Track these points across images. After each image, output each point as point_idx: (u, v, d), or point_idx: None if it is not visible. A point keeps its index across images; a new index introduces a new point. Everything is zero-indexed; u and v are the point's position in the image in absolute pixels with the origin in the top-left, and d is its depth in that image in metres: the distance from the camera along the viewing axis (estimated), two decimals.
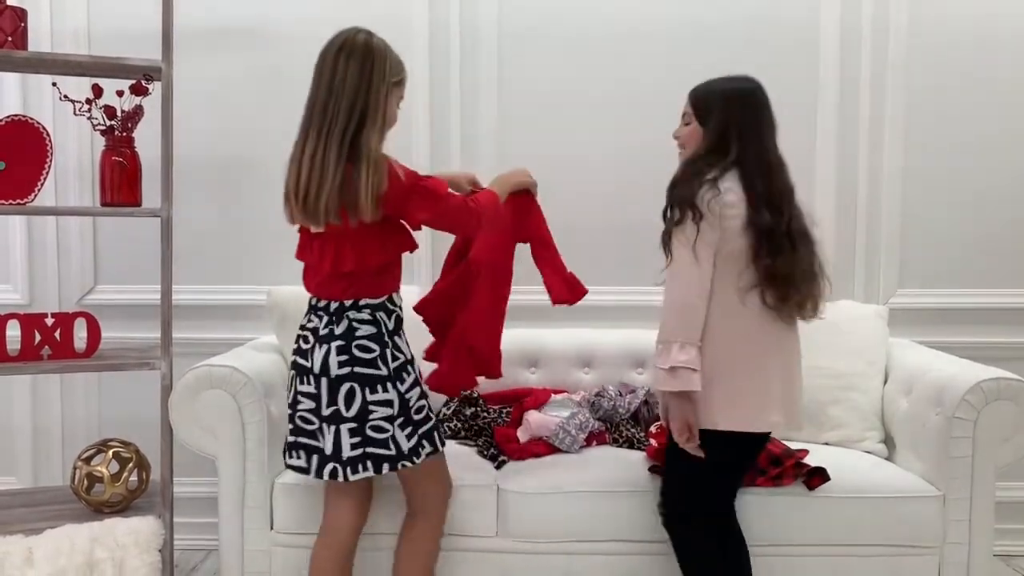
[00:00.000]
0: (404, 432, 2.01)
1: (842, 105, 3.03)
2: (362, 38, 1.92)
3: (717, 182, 1.96)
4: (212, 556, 3.02)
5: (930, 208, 3.05)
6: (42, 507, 2.56)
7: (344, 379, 1.96)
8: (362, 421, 1.97)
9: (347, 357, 1.97)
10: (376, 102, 1.90)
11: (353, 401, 1.96)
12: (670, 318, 1.97)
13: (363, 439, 1.97)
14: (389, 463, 2.00)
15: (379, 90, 1.90)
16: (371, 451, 1.98)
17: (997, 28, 3.01)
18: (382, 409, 1.98)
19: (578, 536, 2.31)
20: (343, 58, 1.89)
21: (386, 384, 1.99)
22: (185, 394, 2.34)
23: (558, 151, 3.03)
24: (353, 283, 1.99)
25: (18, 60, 2.43)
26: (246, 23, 3.06)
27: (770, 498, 2.27)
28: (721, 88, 2.07)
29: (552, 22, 3.05)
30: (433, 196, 1.97)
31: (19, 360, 2.43)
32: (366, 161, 1.86)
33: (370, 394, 1.97)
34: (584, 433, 2.51)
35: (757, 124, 2.03)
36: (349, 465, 1.98)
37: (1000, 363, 2.41)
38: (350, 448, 1.97)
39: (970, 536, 2.27)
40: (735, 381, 1.99)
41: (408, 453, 2.02)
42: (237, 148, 3.08)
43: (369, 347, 1.98)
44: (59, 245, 3.10)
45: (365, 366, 1.97)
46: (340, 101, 1.87)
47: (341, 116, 1.87)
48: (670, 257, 1.97)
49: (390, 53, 1.95)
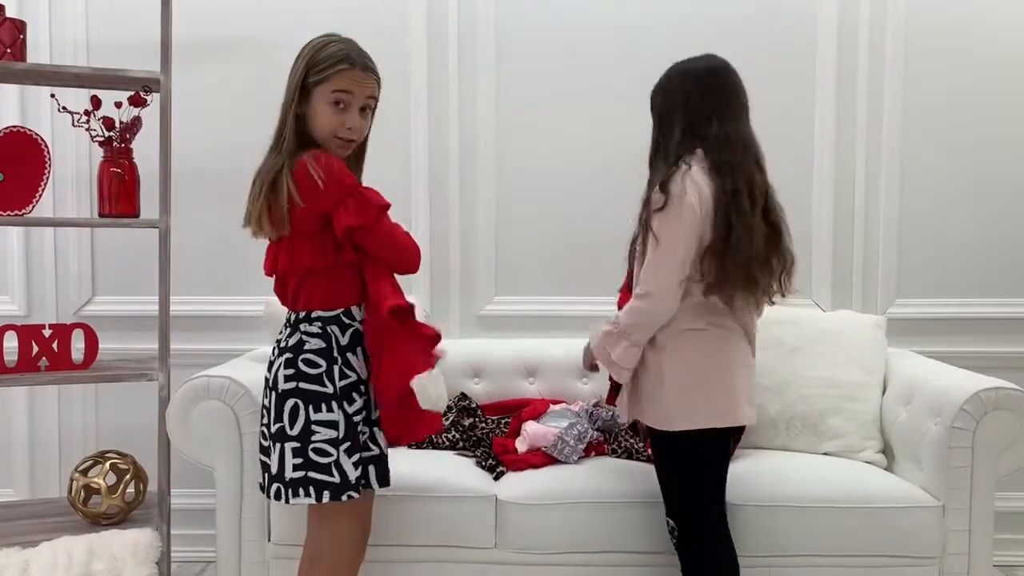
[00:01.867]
0: (351, 459, 1.88)
1: (839, 114, 3.03)
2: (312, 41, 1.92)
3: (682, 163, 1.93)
4: (210, 568, 3.01)
5: (928, 218, 3.05)
6: (39, 519, 2.55)
7: (289, 394, 1.87)
8: (304, 442, 1.85)
9: (293, 371, 1.88)
10: (291, 99, 1.89)
11: (297, 419, 1.86)
12: (635, 315, 1.94)
13: (305, 461, 1.85)
14: (331, 491, 1.85)
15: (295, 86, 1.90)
16: (313, 476, 1.85)
17: (996, 31, 3.01)
18: (325, 430, 1.86)
19: (577, 547, 2.30)
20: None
21: (331, 403, 1.87)
22: (182, 405, 2.34)
23: (557, 153, 3.05)
24: (301, 291, 1.91)
25: (17, 72, 2.44)
26: (245, 35, 3.07)
27: (767, 508, 2.26)
28: (666, 72, 2.06)
29: (551, 22, 3.06)
30: (366, 204, 1.84)
31: (16, 371, 2.43)
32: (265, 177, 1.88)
33: (314, 413, 1.86)
34: (583, 444, 2.51)
35: (709, 97, 1.97)
36: (291, 487, 1.86)
37: (999, 373, 2.41)
38: (292, 469, 1.85)
39: (970, 546, 2.26)
40: (708, 380, 1.96)
41: (354, 483, 1.88)
42: (235, 159, 3.05)
43: (315, 362, 1.88)
44: (57, 256, 3.10)
45: (310, 382, 1.87)
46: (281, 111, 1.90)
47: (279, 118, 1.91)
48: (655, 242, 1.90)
49: (324, 50, 1.88)
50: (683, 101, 1.99)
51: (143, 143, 2.57)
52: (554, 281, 3.04)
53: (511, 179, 3.07)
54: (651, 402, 2.00)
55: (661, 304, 1.92)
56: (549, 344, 2.91)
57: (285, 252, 1.90)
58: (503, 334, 3.00)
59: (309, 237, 1.87)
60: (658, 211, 1.91)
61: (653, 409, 2.00)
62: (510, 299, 3.06)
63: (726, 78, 2.01)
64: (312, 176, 1.81)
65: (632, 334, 1.96)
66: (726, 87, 2.01)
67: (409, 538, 2.30)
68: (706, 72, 2.01)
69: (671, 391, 1.97)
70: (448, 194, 3.08)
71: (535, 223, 3.06)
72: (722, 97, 1.99)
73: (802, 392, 2.64)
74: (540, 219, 3.05)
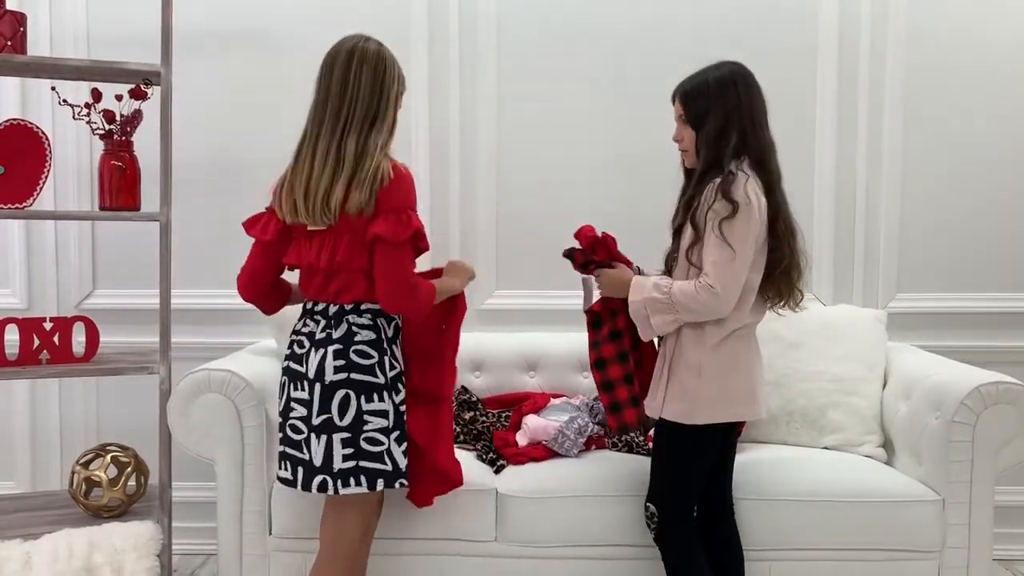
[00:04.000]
0: (401, 448, 1.96)
1: (840, 109, 3.03)
2: (373, 46, 1.95)
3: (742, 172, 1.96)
4: (211, 561, 3.02)
5: (929, 213, 3.05)
6: (40, 512, 2.55)
7: (339, 385, 1.91)
8: (356, 431, 1.91)
9: (344, 362, 1.91)
10: (387, 106, 1.93)
11: (348, 409, 1.90)
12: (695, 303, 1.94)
13: (356, 451, 1.90)
14: (385, 479, 1.93)
15: (390, 96, 1.94)
16: (365, 465, 1.91)
17: (996, 30, 3.01)
18: (377, 420, 1.92)
19: (577, 540, 2.31)
20: (356, 63, 1.92)
21: (383, 393, 1.93)
22: (183, 398, 2.34)
23: (558, 147, 3.04)
24: (350, 286, 1.94)
25: (17, 64, 2.43)
26: (246, 27, 3.06)
27: (768, 502, 2.27)
28: (713, 77, 2.03)
29: (552, 18, 3.05)
30: (405, 227, 1.87)
31: (18, 364, 2.43)
32: (371, 159, 1.88)
33: (366, 403, 1.91)
34: (583, 437, 2.51)
35: (756, 106, 2.02)
36: (340, 478, 1.90)
37: (999, 367, 2.41)
38: (342, 460, 1.90)
39: (969, 540, 2.27)
40: (731, 376, 2.01)
41: (405, 470, 1.96)
42: (236, 152, 3.08)
43: (368, 353, 1.93)
44: (58, 249, 3.10)
45: (362, 372, 1.92)
46: (355, 104, 1.90)
47: (356, 118, 1.90)
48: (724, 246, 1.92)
49: (397, 64, 1.99)
50: (737, 106, 2.00)
51: (144, 136, 2.56)
52: (555, 275, 3.02)
53: (512, 173, 3.07)
54: (680, 395, 2.02)
55: (726, 305, 1.95)
56: (550, 338, 2.91)
57: (343, 247, 1.91)
58: (504, 328, 2.99)
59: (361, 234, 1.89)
60: (727, 219, 1.93)
61: (680, 402, 2.02)
62: (511, 293, 3.06)
63: (757, 81, 2.05)
64: (401, 179, 1.90)
65: (682, 314, 1.98)
66: (759, 89, 2.04)
67: (410, 531, 2.31)
68: (748, 76, 2.04)
69: (705, 384, 2.00)
70: (449, 188, 3.08)
71: (536, 217, 3.06)
72: (761, 103, 2.04)
73: (802, 386, 2.64)
74: (541, 213, 3.05)
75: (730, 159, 1.98)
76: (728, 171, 1.96)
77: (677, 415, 2.02)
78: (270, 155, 3.07)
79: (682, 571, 2.09)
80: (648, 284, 2.04)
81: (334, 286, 1.95)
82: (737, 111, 1.99)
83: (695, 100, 2.05)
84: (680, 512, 2.09)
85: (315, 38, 3.11)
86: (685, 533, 2.10)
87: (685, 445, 2.05)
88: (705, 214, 1.96)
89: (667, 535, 2.10)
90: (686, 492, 2.09)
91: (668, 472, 2.10)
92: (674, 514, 2.09)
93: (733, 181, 1.93)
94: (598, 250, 2.19)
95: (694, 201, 2.02)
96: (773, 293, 2.05)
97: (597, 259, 2.18)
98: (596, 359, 2.18)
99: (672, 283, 2.00)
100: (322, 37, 2.04)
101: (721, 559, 2.15)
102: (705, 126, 2.02)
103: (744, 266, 1.94)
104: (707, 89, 2.02)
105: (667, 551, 2.11)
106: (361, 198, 1.85)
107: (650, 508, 2.12)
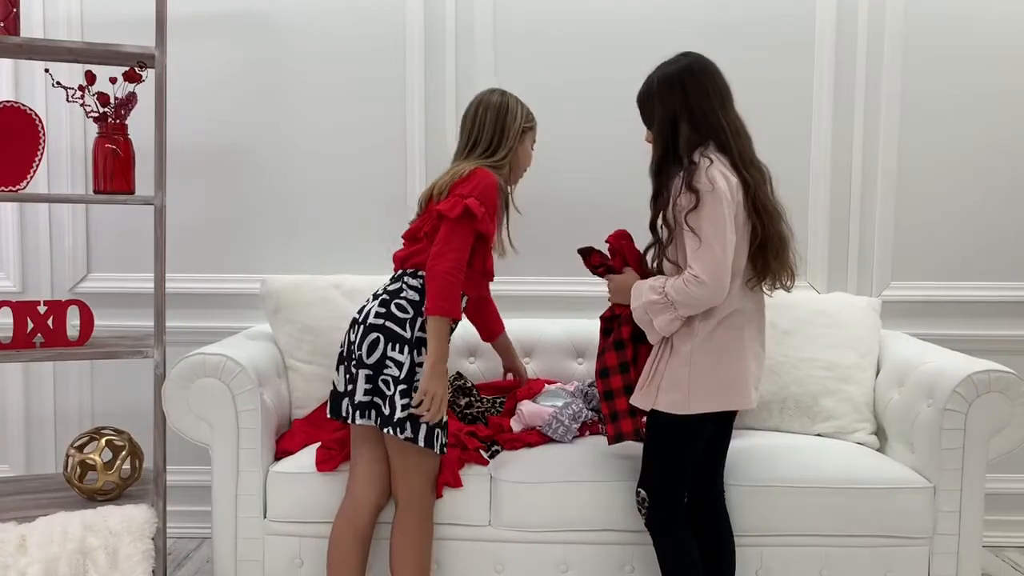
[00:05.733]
0: (401, 401, 2.10)
1: (837, 98, 3.02)
2: (496, 96, 2.34)
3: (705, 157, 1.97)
4: (205, 544, 3.03)
5: (923, 201, 3.06)
6: (35, 495, 2.56)
7: (374, 328, 2.14)
8: (377, 372, 2.12)
9: (385, 310, 2.16)
10: (506, 141, 2.31)
11: (375, 351, 2.13)
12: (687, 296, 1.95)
13: (373, 388, 2.13)
14: (382, 421, 2.12)
15: (510, 132, 2.31)
16: (376, 401, 2.13)
17: (993, 26, 3.01)
18: (392, 368, 2.12)
19: (571, 526, 2.32)
20: (481, 110, 2.32)
21: (404, 347, 2.13)
22: (178, 382, 2.34)
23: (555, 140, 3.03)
24: (416, 253, 2.22)
25: (10, 46, 2.41)
26: (240, 10, 3.04)
27: (760, 488, 2.28)
28: (657, 76, 2.07)
29: (548, 21, 3.04)
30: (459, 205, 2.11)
31: (11, 348, 2.43)
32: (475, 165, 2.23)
33: (389, 350, 2.12)
34: (578, 423, 2.52)
35: (706, 93, 2.02)
36: (358, 409, 2.13)
37: (991, 355, 2.42)
38: (363, 393, 2.13)
39: (960, 527, 2.28)
40: (721, 365, 2.02)
41: (396, 422, 2.09)
42: (231, 136, 3.07)
43: (406, 308, 2.17)
44: (52, 232, 3.09)
45: (395, 323, 2.14)
46: (479, 138, 2.31)
47: (479, 147, 2.30)
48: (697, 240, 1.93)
49: (521, 106, 2.36)
50: (682, 99, 2.02)
51: (138, 119, 2.55)
52: (550, 261, 3.03)
53: None
54: (672, 386, 2.03)
55: (718, 292, 1.95)
56: (545, 324, 2.92)
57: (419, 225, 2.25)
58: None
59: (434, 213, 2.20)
60: (692, 211, 1.94)
61: (672, 392, 2.03)
62: (506, 279, 3.04)
63: (710, 68, 2.05)
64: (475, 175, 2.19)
65: (680, 309, 1.99)
66: (713, 76, 2.05)
67: None
68: (692, 67, 2.04)
69: (696, 374, 2.01)
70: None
71: (532, 205, 3.04)
72: (715, 87, 2.04)
73: (796, 374, 2.65)
74: (537, 201, 3.04)
75: (690, 149, 2.00)
76: (689, 161, 1.98)
77: (670, 406, 2.03)
78: (266, 139, 3.09)
79: (672, 557, 2.11)
80: (645, 287, 2.05)
81: (407, 254, 2.26)
82: (684, 104, 2.01)
83: (644, 102, 2.12)
84: (670, 499, 2.11)
85: (310, 21, 3.12)
86: (675, 519, 2.11)
87: (676, 433, 2.07)
88: (673, 209, 1.99)
89: (657, 521, 2.12)
90: (676, 479, 2.11)
91: (659, 459, 2.12)
92: (664, 500, 2.11)
93: (695, 171, 1.95)
94: (615, 257, 2.22)
95: (660, 195, 2.05)
96: (751, 273, 2.05)
97: (610, 264, 2.21)
98: (601, 368, 2.20)
99: (665, 281, 2.01)
100: (318, 21, 2.05)
101: (711, 545, 2.17)
102: (655, 123, 2.08)
103: (726, 250, 1.93)
104: (651, 89, 2.09)
105: (657, 537, 2.13)
106: (443, 184, 2.20)
107: (641, 493, 2.13)
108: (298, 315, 2.70)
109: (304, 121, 3.06)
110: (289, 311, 2.71)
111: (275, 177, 3.08)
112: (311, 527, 2.32)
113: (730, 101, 2.06)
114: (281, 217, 3.10)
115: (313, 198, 3.07)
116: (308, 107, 3.05)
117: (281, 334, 2.71)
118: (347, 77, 3.03)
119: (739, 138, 2.03)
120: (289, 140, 3.06)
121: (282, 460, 2.40)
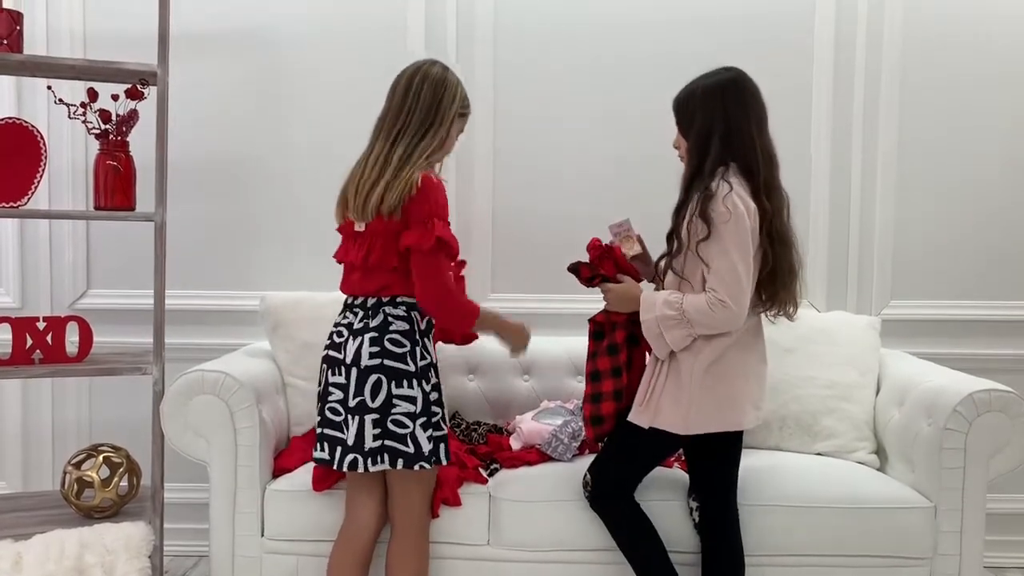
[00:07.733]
0: (425, 433, 2.06)
1: (835, 115, 3.04)
2: (438, 68, 2.13)
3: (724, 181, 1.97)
4: (202, 563, 3.01)
5: (923, 220, 3.06)
6: (31, 512, 2.55)
7: (372, 370, 2.04)
8: (385, 414, 2.04)
9: (378, 349, 2.05)
10: (440, 123, 2.10)
11: (379, 393, 2.04)
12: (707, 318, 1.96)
13: (383, 431, 2.04)
14: (404, 460, 2.05)
15: (446, 114, 2.10)
16: (389, 444, 2.04)
17: (994, 35, 3.02)
18: (405, 404, 2.05)
19: (570, 545, 2.31)
20: (418, 80, 2.10)
21: (412, 380, 2.06)
22: (177, 399, 2.34)
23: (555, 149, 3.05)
24: (384, 282, 2.08)
25: (13, 63, 2.43)
26: (242, 27, 3.06)
27: (760, 508, 2.27)
28: (702, 85, 2.06)
29: (547, 21, 3.05)
30: (430, 234, 2.00)
31: (10, 364, 2.43)
32: (410, 167, 2.04)
33: (396, 388, 2.04)
34: (577, 442, 2.51)
35: (745, 113, 2.02)
36: (370, 456, 2.04)
37: (992, 375, 2.42)
38: (372, 439, 2.04)
39: (961, 547, 2.27)
40: (721, 386, 2.02)
41: (427, 454, 2.06)
42: (232, 153, 3.08)
43: (400, 342, 2.07)
44: (52, 249, 3.09)
45: (394, 360, 2.05)
46: (411, 116, 2.08)
47: (410, 129, 2.07)
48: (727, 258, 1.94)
49: (461, 87, 2.15)
50: (722, 112, 2.01)
51: (140, 136, 2.56)
52: (550, 279, 3.03)
53: (508, 176, 3.07)
54: (673, 406, 2.03)
55: (740, 318, 1.96)
56: (544, 342, 2.90)
57: (379, 247, 2.06)
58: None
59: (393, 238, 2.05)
60: (703, 240, 1.95)
61: (672, 412, 2.04)
62: (506, 296, 3.06)
63: (752, 87, 2.05)
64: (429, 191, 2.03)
65: (697, 328, 1.99)
66: (755, 95, 2.05)
67: None
68: (736, 81, 2.04)
69: (696, 395, 2.02)
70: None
71: (532, 220, 3.06)
72: (755, 107, 2.04)
73: (796, 392, 2.65)
74: (537, 216, 3.05)
75: (714, 166, 2.00)
76: (706, 187, 1.97)
77: (670, 426, 2.04)
78: (267, 156, 3.10)
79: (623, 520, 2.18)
80: (658, 301, 2.04)
81: (371, 282, 2.09)
82: (722, 119, 2.00)
83: (683, 108, 2.10)
84: (611, 489, 2.17)
85: (312, 39, 3.13)
86: (614, 506, 2.18)
87: (645, 440, 2.10)
88: (688, 228, 1.99)
89: (596, 506, 2.19)
90: (624, 474, 2.17)
91: (616, 452, 2.17)
92: (606, 488, 2.17)
93: (710, 199, 1.95)
94: (604, 263, 2.21)
95: (684, 208, 2.04)
96: (757, 300, 2.06)
97: (603, 272, 2.20)
98: (592, 371, 2.20)
99: (683, 298, 2.00)
100: (318, 38, 2.05)
101: (723, 567, 2.15)
102: (692, 134, 2.06)
103: (747, 273, 1.95)
104: (694, 97, 2.06)
105: (602, 507, 2.20)
106: (391, 202, 2.01)
107: (587, 476, 2.20)
108: (297, 332, 2.69)
109: (304, 138, 3.06)
110: (288, 328, 2.70)
111: (275, 194, 3.08)
112: (309, 545, 2.31)
113: (766, 124, 2.06)
114: (281, 234, 3.10)
115: (313, 215, 3.08)
116: (309, 124, 3.06)
117: (280, 351, 2.70)
118: (348, 94, 3.04)
119: (769, 164, 2.03)
120: (289, 157, 3.07)
121: (280, 478, 2.39)
